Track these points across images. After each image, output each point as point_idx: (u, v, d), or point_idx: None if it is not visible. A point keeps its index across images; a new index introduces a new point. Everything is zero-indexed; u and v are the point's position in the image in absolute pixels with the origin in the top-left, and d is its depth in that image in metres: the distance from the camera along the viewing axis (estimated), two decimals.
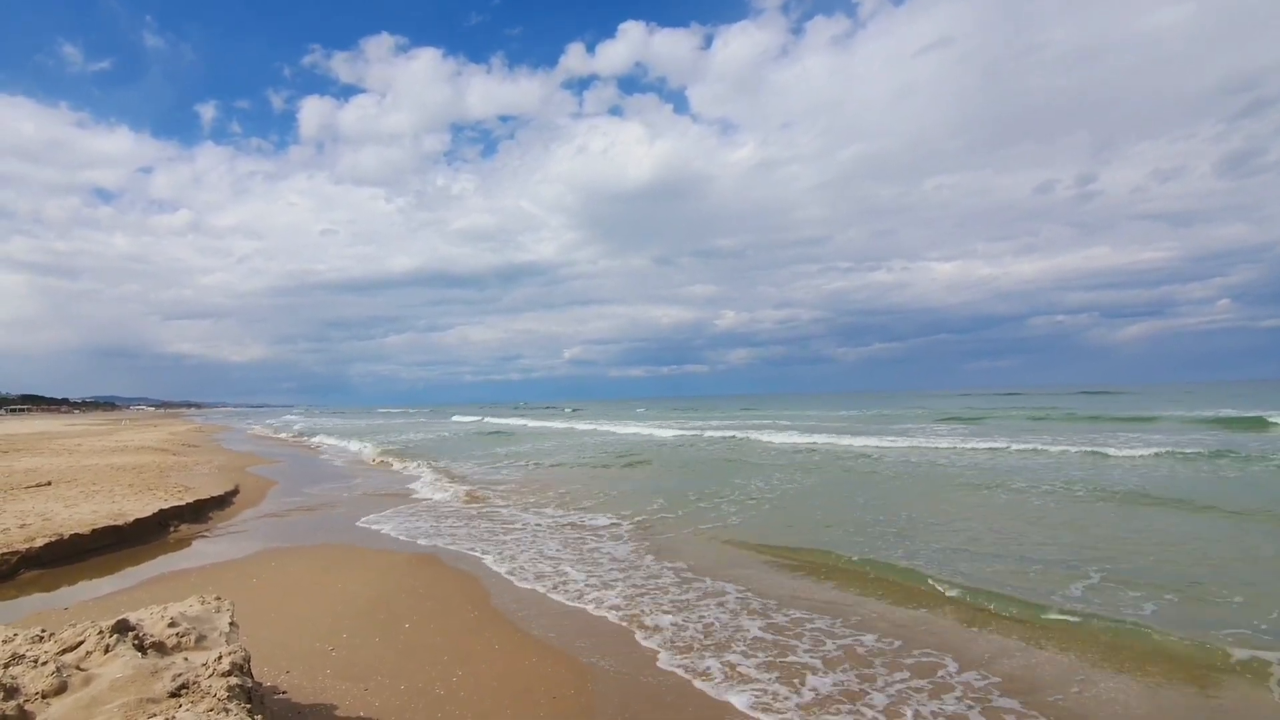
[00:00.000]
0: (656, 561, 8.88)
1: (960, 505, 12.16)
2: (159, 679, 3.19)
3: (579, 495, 14.80)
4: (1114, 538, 9.29)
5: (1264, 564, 7.95)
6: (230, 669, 3.38)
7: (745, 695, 5.11)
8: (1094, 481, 13.93)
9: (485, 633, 6.41)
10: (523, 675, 5.44)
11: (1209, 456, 17.17)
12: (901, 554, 8.66)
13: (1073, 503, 11.99)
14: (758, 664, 5.64)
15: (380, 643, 6.07)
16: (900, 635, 6.17)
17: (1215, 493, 12.36)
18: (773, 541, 9.75)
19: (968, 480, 14.88)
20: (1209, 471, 15.29)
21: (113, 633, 3.50)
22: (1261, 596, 6.76)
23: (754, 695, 5.11)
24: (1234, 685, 5.12)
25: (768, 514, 12.02)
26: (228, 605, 4.32)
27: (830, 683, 5.28)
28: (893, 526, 10.41)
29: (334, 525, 11.88)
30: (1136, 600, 6.78)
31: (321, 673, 5.37)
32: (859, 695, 5.08)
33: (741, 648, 5.97)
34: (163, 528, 11.09)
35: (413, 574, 8.47)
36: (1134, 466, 16.55)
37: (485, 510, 13.14)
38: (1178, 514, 10.78)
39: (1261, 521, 9.96)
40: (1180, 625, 6.06)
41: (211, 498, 13.39)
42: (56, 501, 11.80)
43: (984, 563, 8.23)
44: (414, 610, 7.03)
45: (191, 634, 3.79)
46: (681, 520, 11.61)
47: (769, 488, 14.91)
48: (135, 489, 13.62)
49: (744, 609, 6.96)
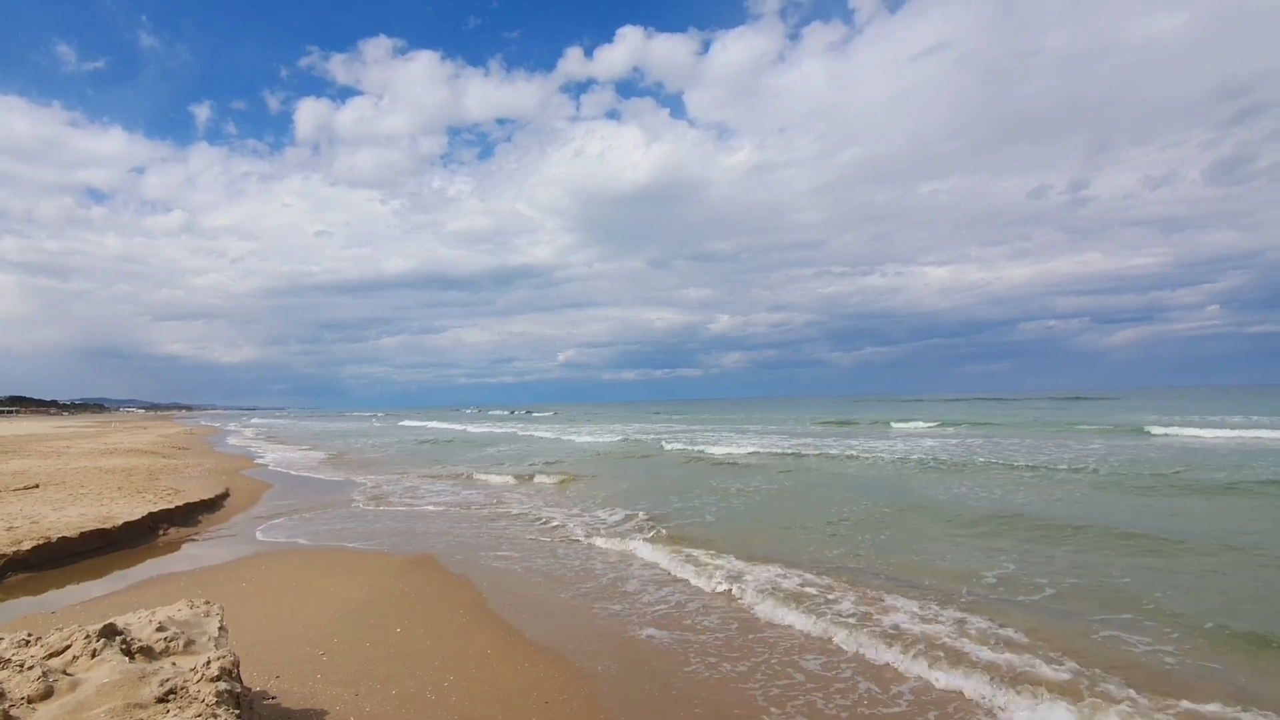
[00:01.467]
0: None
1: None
2: (146, 684, 3.15)
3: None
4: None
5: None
6: (219, 674, 3.35)
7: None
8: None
9: (478, 636, 6.37)
10: (516, 679, 5.41)
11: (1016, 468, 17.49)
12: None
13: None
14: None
15: (371, 647, 6.03)
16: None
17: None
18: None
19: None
20: (940, 476, 16.66)
21: (100, 637, 3.46)
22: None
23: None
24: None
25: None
26: (217, 609, 4.28)
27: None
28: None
29: (325, 529, 11.81)
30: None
31: (312, 677, 5.33)
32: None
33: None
34: (152, 531, 10.99)
35: (404, 577, 8.43)
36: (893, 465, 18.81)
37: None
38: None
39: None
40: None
41: (201, 501, 13.28)
42: (44, 504, 11.67)
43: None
44: (406, 614, 6.99)
45: (180, 638, 3.76)
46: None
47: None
48: (124, 492, 13.50)
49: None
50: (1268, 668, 5.33)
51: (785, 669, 5.57)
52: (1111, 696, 4.79)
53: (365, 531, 11.46)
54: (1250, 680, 5.11)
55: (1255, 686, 5.00)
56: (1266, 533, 9.55)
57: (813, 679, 5.38)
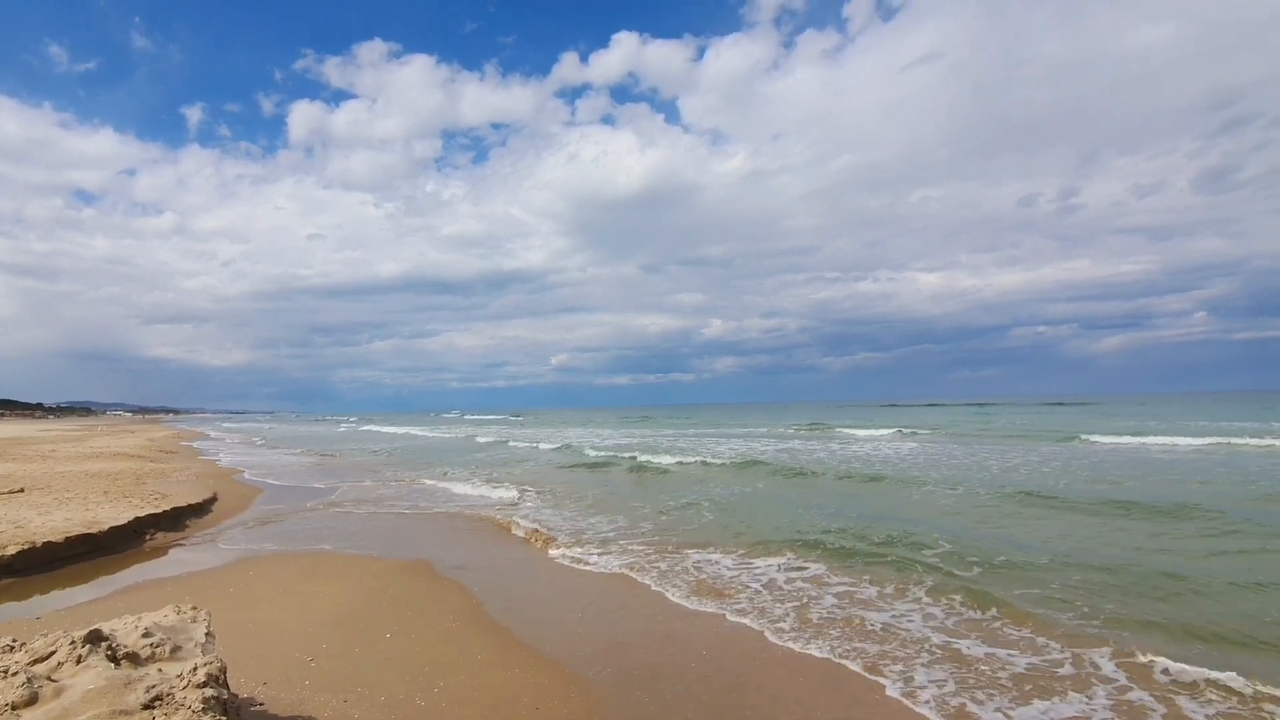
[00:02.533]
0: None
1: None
2: (132, 690, 3.13)
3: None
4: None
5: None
6: (206, 680, 3.33)
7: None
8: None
9: (469, 641, 6.35)
10: (508, 685, 5.39)
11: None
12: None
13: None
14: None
15: (360, 653, 6.00)
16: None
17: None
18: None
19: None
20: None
21: (85, 643, 3.43)
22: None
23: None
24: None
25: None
26: (204, 615, 4.25)
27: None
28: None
29: (313, 533, 11.73)
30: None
31: (300, 684, 5.29)
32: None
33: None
34: (138, 536, 10.88)
35: (394, 581, 8.38)
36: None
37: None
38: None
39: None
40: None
41: (189, 505, 13.16)
42: (29, 508, 11.54)
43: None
44: (395, 619, 6.95)
45: (166, 644, 3.73)
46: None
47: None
48: (110, 496, 13.37)
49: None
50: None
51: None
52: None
53: (353, 532, 11.39)
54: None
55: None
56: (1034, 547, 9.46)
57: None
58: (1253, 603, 7.00)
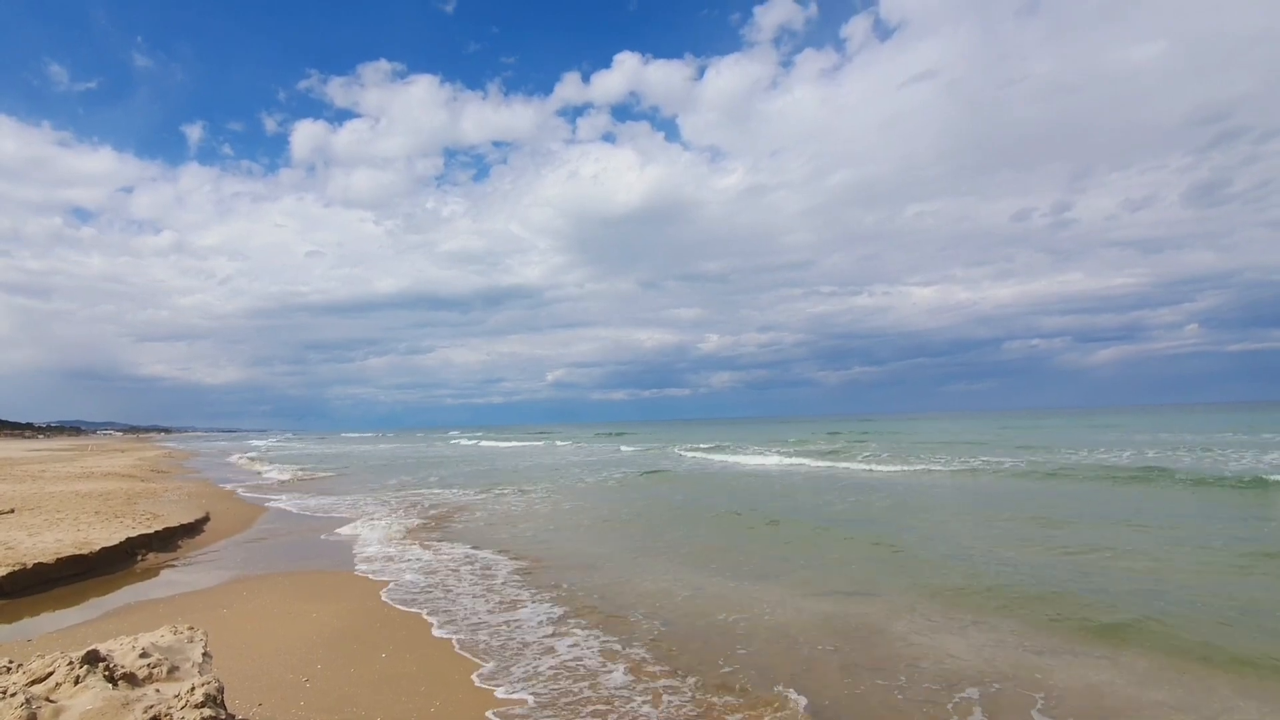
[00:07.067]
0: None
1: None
2: (130, 711, 3.14)
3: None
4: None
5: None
6: (203, 700, 3.34)
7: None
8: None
9: (463, 660, 6.33)
10: (503, 703, 5.38)
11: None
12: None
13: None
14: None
15: (356, 673, 5.98)
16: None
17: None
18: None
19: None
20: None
21: (83, 663, 3.44)
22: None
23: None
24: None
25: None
26: (201, 635, 4.25)
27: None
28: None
29: (307, 553, 11.66)
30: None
31: (295, 704, 5.27)
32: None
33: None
34: (130, 557, 10.81)
35: (387, 602, 8.35)
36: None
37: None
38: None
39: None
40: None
41: (181, 525, 13.08)
42: (19, 529, 11.44)
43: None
44: (390, 639, 6.92)
45: (164, 665, 3.74)
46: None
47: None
48: (102, 517, 13.27)
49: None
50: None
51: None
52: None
53: (344, 557, 11.33)
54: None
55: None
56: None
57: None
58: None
